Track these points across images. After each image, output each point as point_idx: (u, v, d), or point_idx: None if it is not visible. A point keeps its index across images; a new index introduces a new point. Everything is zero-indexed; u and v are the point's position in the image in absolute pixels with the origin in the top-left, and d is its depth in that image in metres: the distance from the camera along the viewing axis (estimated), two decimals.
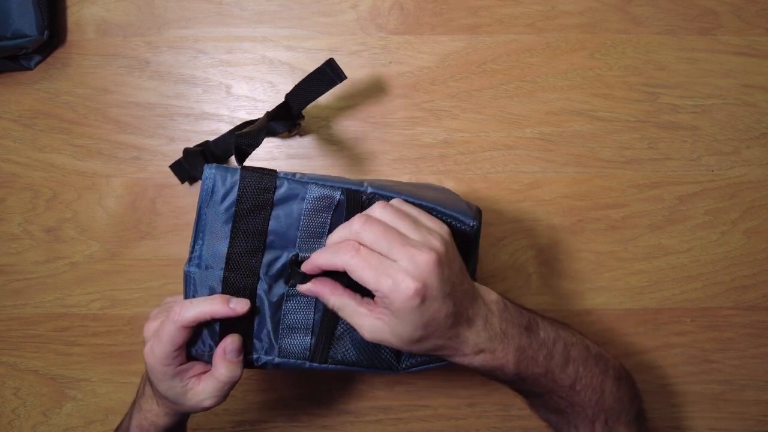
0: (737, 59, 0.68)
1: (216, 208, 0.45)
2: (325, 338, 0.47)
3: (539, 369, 0.46)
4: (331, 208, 0.45)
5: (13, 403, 0.67)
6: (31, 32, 0.62)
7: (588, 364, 0.49)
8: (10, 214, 0.67)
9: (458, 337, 0.43)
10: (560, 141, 0.68)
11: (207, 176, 0.44)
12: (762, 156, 0.68)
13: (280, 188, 0.45)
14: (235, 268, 0.45)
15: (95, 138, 0.67)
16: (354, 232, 0.41)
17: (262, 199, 0.45)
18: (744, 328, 0.69)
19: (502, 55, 0.67)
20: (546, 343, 0.47)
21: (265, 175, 0.45)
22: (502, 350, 0.44)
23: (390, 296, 0.39)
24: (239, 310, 0.44)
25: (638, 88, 0.68)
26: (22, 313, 0.67)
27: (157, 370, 0.46)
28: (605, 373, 0.50)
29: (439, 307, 0.41)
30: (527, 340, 0.46)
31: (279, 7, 0.67)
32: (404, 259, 0.39)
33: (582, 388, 0.48)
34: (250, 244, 0.45)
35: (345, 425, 0.68)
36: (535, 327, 0.47)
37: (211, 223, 0.45)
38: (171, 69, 0.67)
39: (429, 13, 0.67)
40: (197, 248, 0.46)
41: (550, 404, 0.50)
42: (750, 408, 0.69)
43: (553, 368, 0.47)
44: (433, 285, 0.40)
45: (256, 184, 0.44)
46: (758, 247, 0.69)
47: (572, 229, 0.68)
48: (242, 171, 0.44)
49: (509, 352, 0.45)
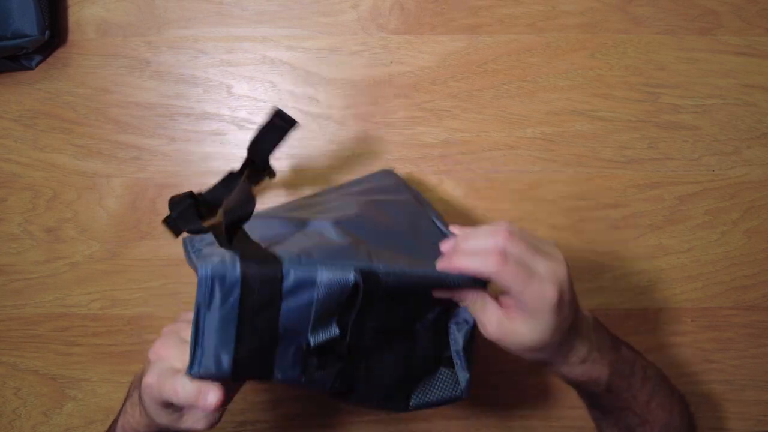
0: (737, 59, 0.68)
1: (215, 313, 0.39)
2: None
3: (624, 383, 0.50)
4: (345, 294, 0.41)
5: (13, 403, 0.67)
6: (32, 32, 0.62)
7: (661, 385, 0.53)
8: (11, 214, 0.67)
9: (569, 344, 0.47)
10: (561, 141, 0.68)
11: (202, 277, 0.38)
12: (762, 156, 0.68)
13: (287, 278, 0.39)
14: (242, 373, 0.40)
15: (96, 138, 0.67)
16: (501, 244, 0.43)
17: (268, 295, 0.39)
18: (744, 328, 0.69)
19: (502, 55, 0.67)
20: (628, 360, 0.51)
21: (269, 266, 0.39)
22: (600, 361, 0.48)
23: (534, 302, 0.43)
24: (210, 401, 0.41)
25: (639, 88, 0.68)
26: (23, 313, 0.67)
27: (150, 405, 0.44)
28: (673, 396, 0.54)
29: (568, 314, 0.44)
30: (616, 355, 0.50)
31: (279, 7, 0.67)
32: (546, 270, 0.43)
33: (656, 406, 0.52)
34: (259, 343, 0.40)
35: (345, 425, 0.68)
36: (618, 346, 0.51)
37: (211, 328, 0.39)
38: (171, 69, 0.67)
39: (430, 13, 0.67)
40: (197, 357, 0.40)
41: (621, 422, 0.53)
42: (750, 408, 0.69)
43: (634, 384, 0.51)
44: (567, 292, 0.44)
45: (260, 278, 0.39)
46: (758, 247, 0.69)
47: (573, 229, 0.68)
48: (242, 265, 0.39)
49: (604, 365, 0.48)
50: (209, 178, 0.66)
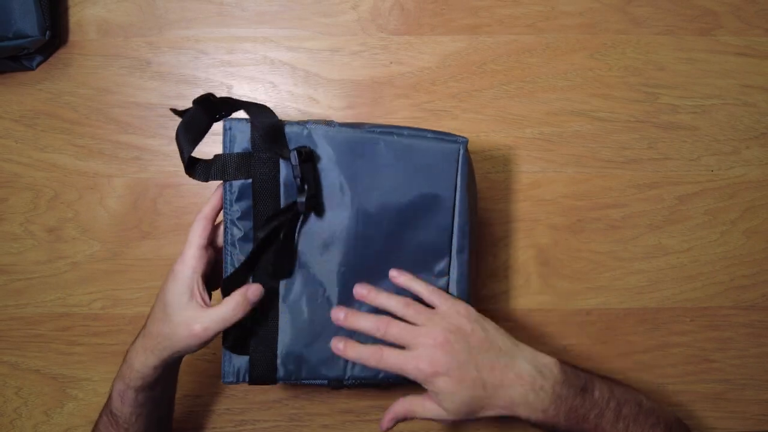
0: (737, 59, 0.68)
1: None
2: None
3: (589, 425, 0.50)
4: None
5: (14, 402, 0.67)
6: (33, 33, 0.62)
7: (638, 419, 0.52)
8: (12, 214, 0.67)
9: (502, 399, 0.49)
10: (560, 141, 0.68)
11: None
12: (761, 156, 0.69)
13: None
14: None
15: (97, 138, 0.67)
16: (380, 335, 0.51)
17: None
18: (743, 327, 0.69)
19: (502, 55, 0.68)
20: (599, 402, 0.51)
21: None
22: (554, 410, 0.49)
23: (416, 378, 0.49)
24: None
25: (638, 89, 0.68)
26: (24, 312, 0.67)
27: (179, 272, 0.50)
28: (655, 426, 0.53)
29: (460, 375, 0.48)
30: (581, 400, 0.50)
31: (280, 7, 0.67)
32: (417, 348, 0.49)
33: None
34: None
35: (345, 425, 0.68)
36: (591, 387, 0.51)
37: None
38: (172, 69, 0.67)
39: (429, 13, 0.67)
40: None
41: None
42: (750, 407, 0.69)
43: (603, 425, 0.51)
44: (442, 360, 0.48)
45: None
46: (758, 247, 0.69)
47: (572, 229, 0.68)
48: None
49: (560, 412, 0.49)
50: None
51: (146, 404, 0.53)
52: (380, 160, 0.52)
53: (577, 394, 0.50)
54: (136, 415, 0.53)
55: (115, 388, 0.52)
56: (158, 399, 0.54)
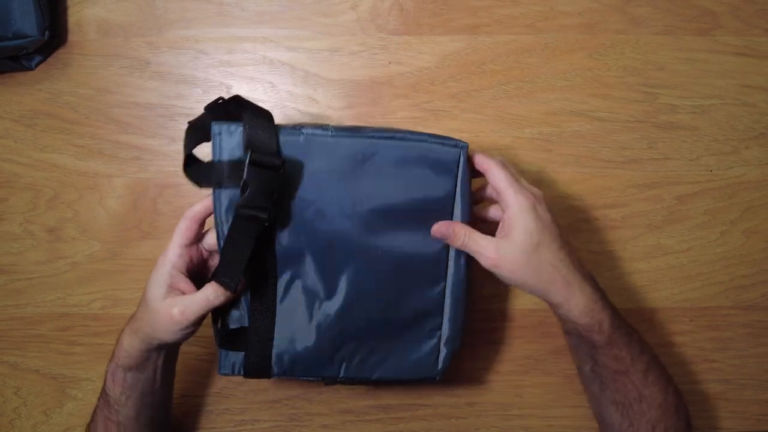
0: (736, 59, 0.68)
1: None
2: None
3: (624, 339, 0.52)
4: None
5: (14, 402, 0.67)
6: (32, 32, 0.62)
7: (656, 363, 0.55)
8: (12, 214, 0.67)
9: (566, 287, 0.50)
10: (559, 141, 0.68)
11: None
12: (761, 156, 0.69)
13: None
14: None
15: (96, 138, 0.67)
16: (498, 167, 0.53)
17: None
18: (743, 327, 0.69)
19: (501, 55, 0.68)
20: (629, 330, 0.53)
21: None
22: (602, 306, 0.51)
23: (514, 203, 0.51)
24: None
25: (637, 89, 0.68)
26: (24, 312, 0.67)
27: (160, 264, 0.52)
28: (669, 381, 0.56)
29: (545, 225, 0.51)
30: (614, 311, 0.53)
31: (279, 7, 0.67)
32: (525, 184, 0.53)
33: (652, 381, 0.53)
34: None
35: (345, 425, 0.68)
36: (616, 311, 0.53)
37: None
38: (172, 69, 0.67)
39: (429, 13, 0.67)
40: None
41: (619, 393, 0.54)
42: (750, 407, 0.69)
43: (633, 347, 0.53)
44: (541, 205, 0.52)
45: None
46: (757, 247, 0.69)
47: (571, 229, 0.68)
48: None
49: (606, 310, 0.51)
50: None
51: (136, 386, 0.54)
52: (378, 167, 0.52)
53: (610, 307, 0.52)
54: (125, 396, 0.54)
55: (109, 368, 0.54)
56: (149, 384, 0.55)
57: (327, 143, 0.51)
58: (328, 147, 0.51)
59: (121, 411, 0.54)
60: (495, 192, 0.53)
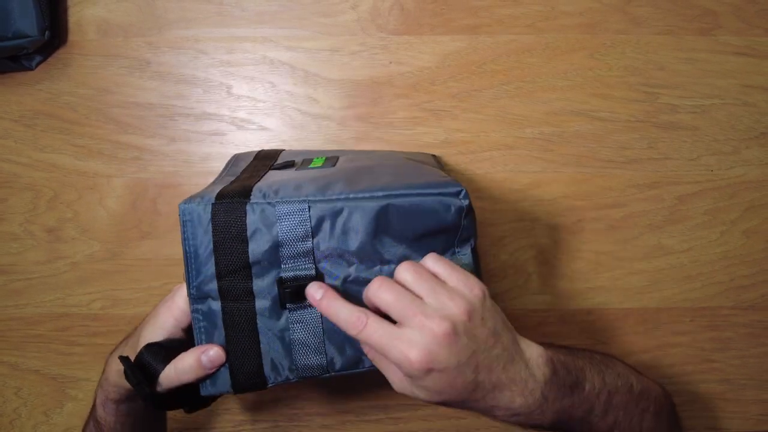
0: (737, 59, 0.68)
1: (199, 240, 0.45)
2: None
3: (576, 422, 0.46)
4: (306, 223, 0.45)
5: (14, 402, 0.67)
6: (32, 33, 0.62)
7: (629, 408, 0.48)
8: (12, 214, 0.67)
9: (485, 401, 0.42)
10: (560, 141, 0.68)
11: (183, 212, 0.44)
12: (761, 156, 0.69)
13: (251, 215, 0.44)
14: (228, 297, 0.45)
15: (96, 138, 0.67)
16: (369, 296, 0.42)
17: (236, 232, 0.44)
18: (743, 327, 0.69)
19: (502, 55, 0.68)
20: (589, 397, 0.46)
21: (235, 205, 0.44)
22: (540, 414, 0.43)
23: (399, 367, 0.40)
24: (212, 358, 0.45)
25: (638, 89, 0.68)
26: (23, 313, 0.67)
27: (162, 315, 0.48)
28: (645, 411, 0.49)
29: (453, 377, 0.40)
30: (570, 400, 0.45)
31: (279, 7, 0.67)
32: (413, 329, 0.39)
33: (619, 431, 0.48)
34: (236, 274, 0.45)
35: (345, 425, 0.68)
36: (582, 381, 0.46)
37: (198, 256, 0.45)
38: (172, 69, 0.67)
39: (429, 13, 0.67)
40: (192, 282, 0.45)
41: None
42: (750, 407, 0.69)
43: (591, 419, 0.46)
44: (441, 357, 0.39)
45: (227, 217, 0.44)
46: (757, 247, 0.69)
47: (572, 229, 0.68)
48: (213, 207, 0.44)
49: (547, 416, 0.44)
50: (209, 178, 0.66)
51: (130, 414, 0.52)
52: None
53: (566, 394, 0.44)
54: (120, 423, 0.52)
55: (98, 396, 0.52)
56: (143, 410, 0.53)
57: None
58: None
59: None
60: None
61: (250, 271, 0.45)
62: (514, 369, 0.42)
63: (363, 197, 0.44)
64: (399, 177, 0.48)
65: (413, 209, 0.44)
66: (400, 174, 0.49)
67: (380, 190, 0.45)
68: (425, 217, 0.45)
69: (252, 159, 0.57)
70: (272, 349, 0.46)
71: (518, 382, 0.42)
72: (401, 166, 0.52)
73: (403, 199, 0.44)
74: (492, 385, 0.42)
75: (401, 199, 0.44)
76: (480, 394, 0.42)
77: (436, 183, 0.46)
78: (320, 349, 0.46)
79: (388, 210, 0.44)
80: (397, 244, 0.45)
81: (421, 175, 0.49)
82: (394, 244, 0.45)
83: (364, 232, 0.44)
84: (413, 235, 0.45)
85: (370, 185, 0.45)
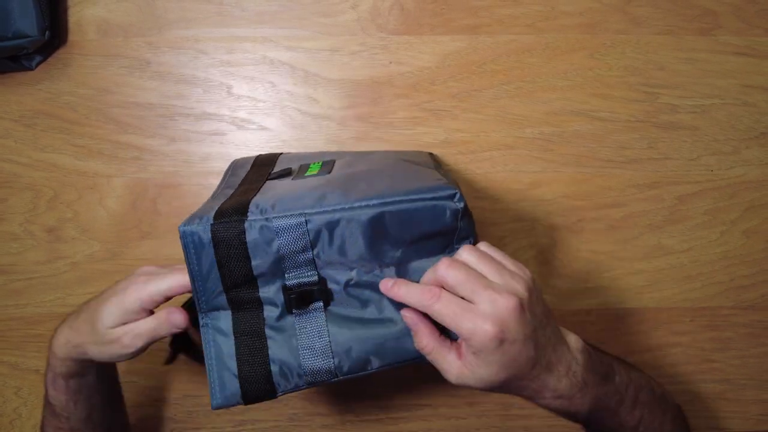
0: (737, 59, 0.68)
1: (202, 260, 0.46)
2: None
3: (609, 413, 0.48)
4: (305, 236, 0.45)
5: (14, 402, 0.67)
6: (32, 33, 0.62)
7: (653, 407, 0.50)
8: (12, 214, 0.67)
9: (539, 380, 0.44)
10: (560, 141, 0.68)
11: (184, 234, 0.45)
12: (761, 156, 0.69)
13: (251, 232, 0.45)
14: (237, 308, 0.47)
15: (96, 138, 0.67)
16: (439, 275, 0.43)
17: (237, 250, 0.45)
18: (743, 327, 0.69)
19: (502, 55, 0.68)
20: (620, 389, 0.48)
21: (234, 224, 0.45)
22: (580, 398, 0.45)
23: (470, 340, 0.41)
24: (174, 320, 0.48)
25: (638, 89, 0.68)
26: (24, 312, 0.67)
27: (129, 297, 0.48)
28: (665, 415, 0.51)
29: (519, 350, 0.42)
30: (604, 389, 0.47)
31: (279, 7, 0.67)
32: (485, 302, 0.41)
33: (644, 430, 0.49)
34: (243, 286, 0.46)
35: (345, 424, 0.68)
36: (612, 374, 0.48)
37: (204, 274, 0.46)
38: (172, 69, 0.67)
39: (429, 13, 0.67)
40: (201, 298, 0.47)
41: None
42: (750, 407, 0.69)
43: (621, 412, 0.48)
44: (512, 328, 0.41)
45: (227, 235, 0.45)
46: (757, 247, 0.69)
47: (572, 229, 0.68)
48: (212, 227, 0.45)
49: (586, 401, 0.45)
50: (209, 178, 0.67)
51: (81, 390, 0.52)
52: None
53: (600, 382, 0.46)
54: (73, 401, 0.52)
55: (47, 378, 0.52)
56: (94, 386, 0.53)
57: None
58: None
59: (71, 417, 0.53)
60: None
61: (256, 282, 0.46)
62: (561, 350, 0.44)
63: (359, 206, 0.45)
64: (394, 182, 0.48)
65: (408, 215, 0.45)
66: (396, 179, 0.49)
67: (375, 198, 0.45)
68: (421, 222, 0.45)
69: (250, 167, 0.58)
70: (280, 355, 0.47)
71: (564, 363, 0.44)
72: (397, 170, 0.52)
73: (398, 206, 0.45)
74: (546, 362, 0.44)
75: (396, 206, 0.45)
76: (536, 372, 0.43)
77: (430, 187, 0.46)
78: (327, 352, 0.47)
79: (384, 217, 0.45)
80: (395, 248, 0.46)
81: (416, 179, 0.49)
82: (392, 248, 0.46)
83: (362, 239, 0.45)
84: (410, 239, 0.46)
85: (365, 193, 0.46)
